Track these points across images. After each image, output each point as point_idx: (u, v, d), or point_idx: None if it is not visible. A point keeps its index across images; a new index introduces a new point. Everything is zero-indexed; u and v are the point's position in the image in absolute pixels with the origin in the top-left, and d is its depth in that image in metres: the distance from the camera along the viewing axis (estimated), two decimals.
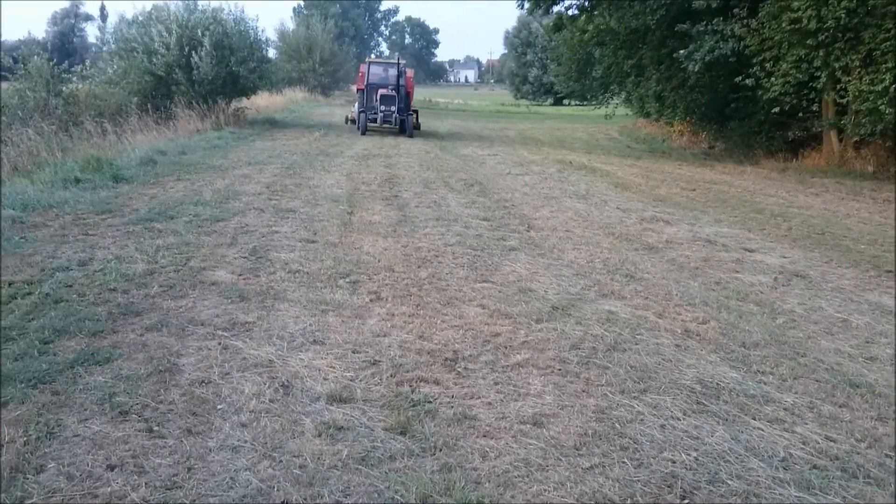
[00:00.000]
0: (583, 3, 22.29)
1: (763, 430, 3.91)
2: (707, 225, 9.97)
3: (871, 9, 14.12)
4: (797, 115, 17.40)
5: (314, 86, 49.76)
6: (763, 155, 19.71)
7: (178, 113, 19.94)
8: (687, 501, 3.21)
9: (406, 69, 23.42)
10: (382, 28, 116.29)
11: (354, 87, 60.54)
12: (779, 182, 15.63)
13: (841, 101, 15.42)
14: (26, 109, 14.93)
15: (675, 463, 3.51)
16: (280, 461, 3.36)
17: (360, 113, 22.12)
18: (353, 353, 4.74)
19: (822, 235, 9.65)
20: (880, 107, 14.10)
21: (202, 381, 4.21)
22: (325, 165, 14.31)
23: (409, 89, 22.90)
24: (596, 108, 27.24)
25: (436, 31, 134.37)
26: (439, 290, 6.19)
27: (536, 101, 62.45)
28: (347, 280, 6.32)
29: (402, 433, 3.65)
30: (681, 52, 17.76)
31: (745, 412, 4.13)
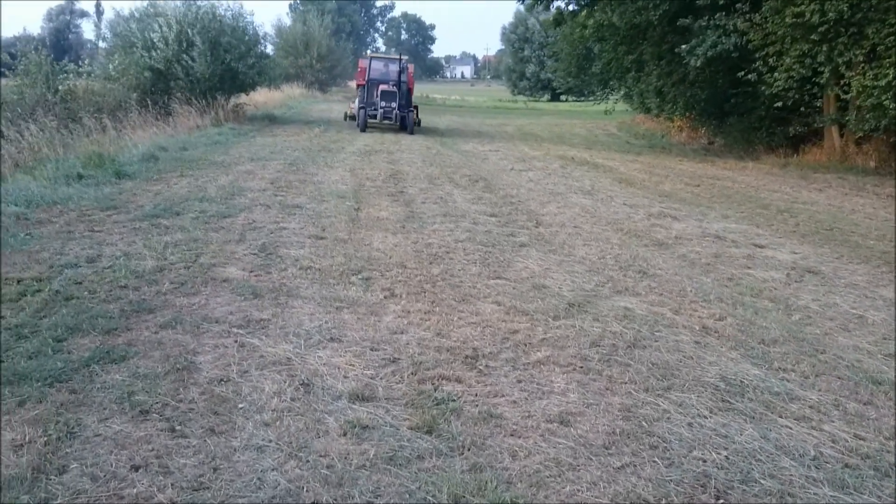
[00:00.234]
0: None
1: (791, 429, 3.86)
2: (715, 221, 9.93)
3: (874, 3, 14.08)
4: (798, 110, 17.37)
5: (311, 82, 49.64)
6: (763, 150, 19.68)
7: (177, 109, 19.83)
8: (722, 502, 3.16)
9: (407, 65, 23.19)
10: (378, 24, 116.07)
11: (352, 83, 60.31)
12: (781, 178, 15.59)
13: (844, 96, 15.36)
14: (25, 105, 14.79)
15: (706, 462, 3.46)
16: (307, 461, 3.30)
17: (359, 109, 21.79)
18: (372, 350, 4.68)
19: (831, 231, 9.62)
20: (884, 102, 14.06)
21: (221, 380, 4.15)
22: (328, 161, 14.24)
23: (410, 85, 22.65)
24: (596, 104, 27.18)
25: (432, 27, 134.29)
26: (453, 287, 6.13)
27: (534, 97, 62.38)
28: (360, 277, 6.26)
29: (429, 432, 3.60)
30: (682, 47, 17.70)
31: (772, 410, 4.09)
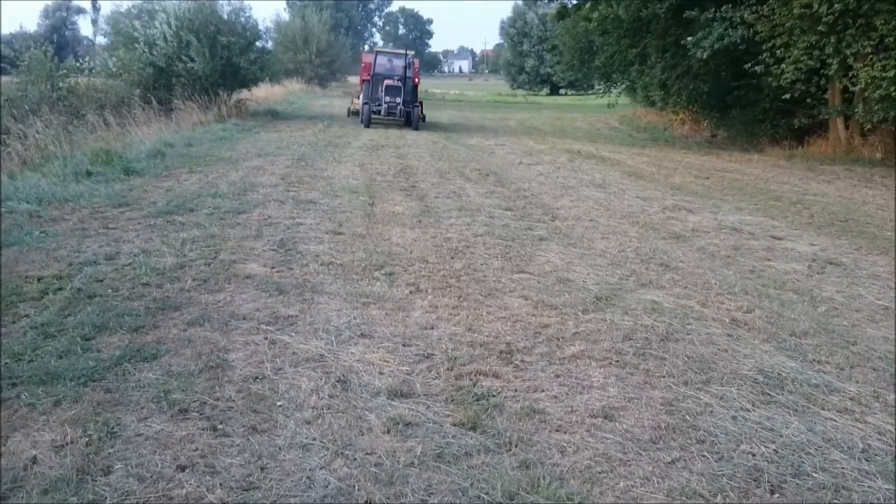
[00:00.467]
0: None
1: (836, 421, 3.82)
2: (729, 213, 9.89)
3: None
4: (803, 102, 17.31)
5: (311, 77, 49.50)
6: (768, 143, 19.63)
7: (180, 105, 19.73)
8: (777, 496, 3.12)
9: (413, 60, 22.99)
10: (376, 19, 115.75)
11: (352, 78, 60.05)
12: (788, 169, 15.56)
13: (853, 88, 15.31)
14: (30, 102, 14.69)
15: (756, 456, 3.42)
16: (354, 459, 3.26)
17: (363, 104, 21.43)
18: (404, 346, 4.63)
19: (846, 223, 9.58)
20: (893, 93, 14.02)
21: (256, 377, 4.10)
22: (336, 156, 14.17)
23: (415, 81, 22.43)
24: (598, 97, 27.11)
25: (429, 22, 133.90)
26: (477, 282, 6.08)
27: (533, 91, 62.28)
28: (383, 272, 6.21)
29: (473, 428, 3.55)
30: (689, 39, 17.63)
31: (813, 402, 4.05)
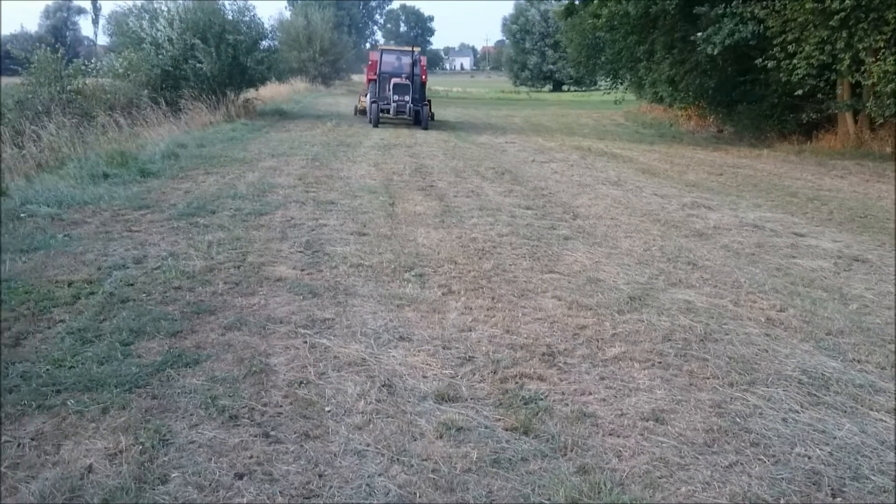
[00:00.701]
0: None
1: (886, 422, 3.80)
2: (748, 210, 9.86)
3: None
4: (812, 97, 17.25)
5: (314, 76, 49.47)
6: (776, 138, 19.59)
7: (188, 105, 19.70)
8: (839, 500, 3.10)
9: (420, 57, 22.75)
10: (377, 16, 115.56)
11: (355, 77, 59.86)
12: (799, 165, 15.53)
13: (865, 82, 15.26)
14: (42, 104, 14.66)
15: (812, 459, 3.40)
16: (411, 465, 3.24)
17: (371, 103, 21.16)
18: (444, 349, 4.62)
19: (865, 219, 9.56)
20: None
21: (300, 382, 4.08)
22: (350, 156, 14.16)
23: (423, 78, 22.18)
24: (604, 94, 27.04)
25: (430, 19, 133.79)
26: (509, 282, 6.06)
27: (536, 87, 62.19)
28: (412, 273, 6.19)
29: (525, 433, 3.53)
30: (699, 35, 17.57)
31: (861, 403, 4.03)
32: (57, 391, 3.91)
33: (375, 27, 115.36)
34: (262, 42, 24.10)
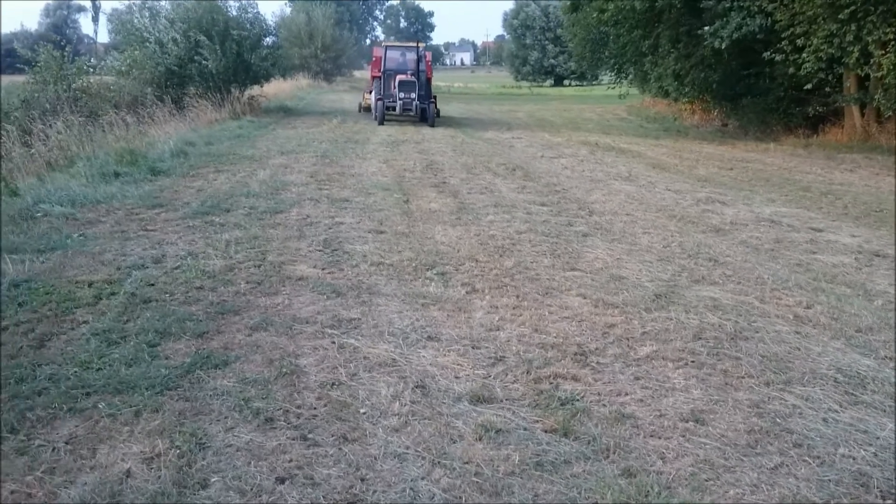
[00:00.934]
0: None
1: None
2: (762, 205, 9.81)
3: None
4: (819, 90, 17.16)
5: (317, 72, 49.36)
6: (782, 131, 19.50)
7: (193, 103, 19.63)
8: (889, 502, 3.05)
9: (425, 53, 22.42)
10: (377, 13, 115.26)
11: (358, 73, 59.68)
12: (807, 159, 15.46)
13: (875, 74, 15.19)
14: (49, 102, 14.61)
15: (857, 460, 3.36)
16: (453, 469, 3.20)
17: (377, 101, 20.65)
18: (474, 349, 4.57)
19: (881, 213, 9.51)
20: None
21: (332, 384, 4.04)
22: (359, 153, 14.10)
23: (428, 74, 21.79)
24: (609, 88, 26.93)
25: (430, 14, 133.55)
26: (532, 280, 6.02)
27: (537, 82, 62.08)
28: (434, 272, 6.15)
29: (566, 435, 3.49)
30: (706, 29, 17.48)
31: None
32: (87, 394, 3.87)
33: (375, 23, 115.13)
34: (267, 38, 24.00)
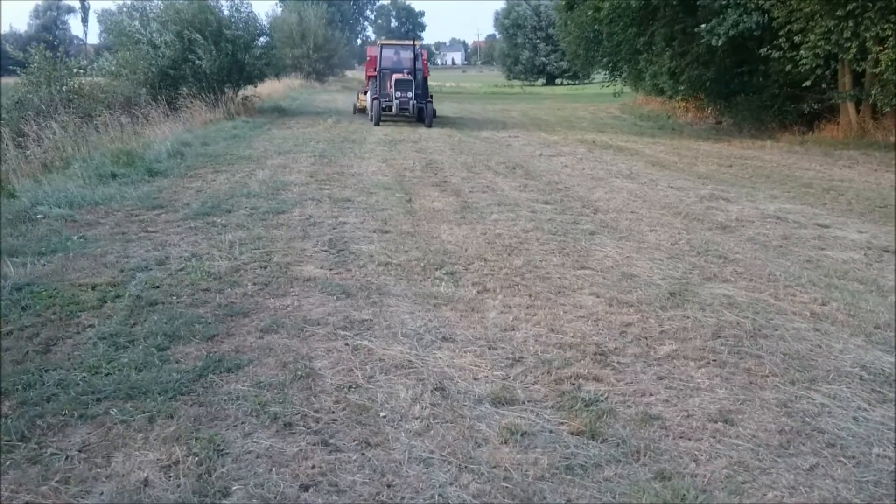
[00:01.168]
0: None
1: None
2: (766, 201, 9.75)
3: None
4: (815, 87, 17.13)
5: (309, 72, 49.17)
6: (776, 129, 19.47)
7: (186, 103, 19.46)
8: None
9: (421, 51, 22.01)
10: (368, 13, 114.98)
11: (350, 73, 59.36)
12: (805, 155, 15.43)
13: (873, 70, 15.16)
14: (44, 103, 14.45)
15: (893, 460, 3.28)
16: (481, 474, 3.11)
17: (372, 101, 20.15)
18: (490, 349, 4.48)
19: (885, 209, 9.47)
20: None
21: (349, 387, 3.95)
22: (357, 152, 14.00)
23: (425, 73, 21.40)
24: (604, 87, 26.86)
25: (421, 14, 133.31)
26: (543, 279, 5.93)
27: (529, 81, 62.04)
28: (443, 272, 6.06)
29: (593, 437, 3.41)
30: (702, 26, 17.43)
31: None
32: (97, 399, 3.77)
33: (366, 23, 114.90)
34: (260, 38, 23.84)
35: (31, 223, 7.51)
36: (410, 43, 22.31)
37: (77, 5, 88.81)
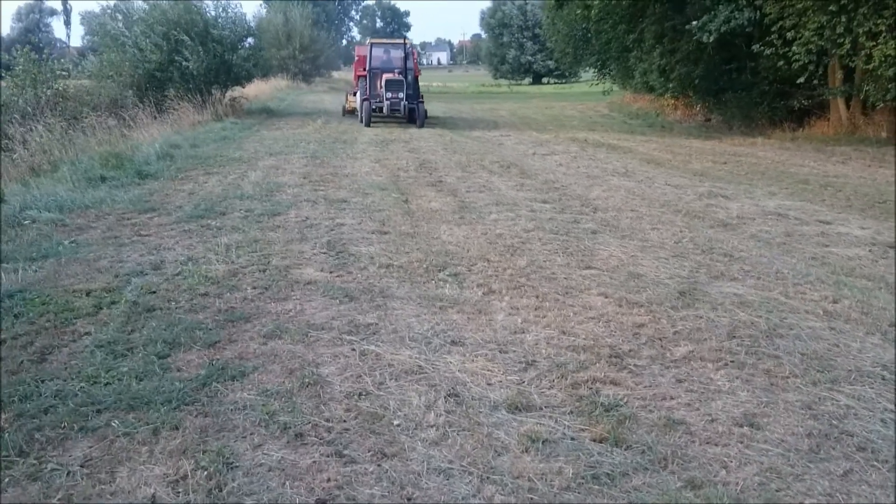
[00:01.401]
0: None
1: None
2: (765, 198, 9.68)
3: None
4: (805, 84, 17.11)
5: (295, 73, 48.87)
6: (767, 125, 19.45)
7: (174, 105, 19.23)
8: None
9: (412, 50, 21.52)
10: (353, 13, 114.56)
11: (336, 74, 59.15)
12: (797, 152, 15.39)
13: (866, 66, 15.14)
14: (30, 106, 14.21)
15: None
16: (504, 484, 2.98)
17: (363, 101, 19.47)
18: (501, 353, 4.36)
19: (884, 205, 9.41)
20: None
21: (360, 394, 3.81)
22: (349, 153, 13.85)
23: (416, 73, 20.85)
24: (592, 85, 26.80)
25: (406, 14, 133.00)
26: (549, 280, 5.81)
27: (516, 80, 61.97)
28: (447, 273, 5.93)
29: (617, 444, 3.28)
30: (693, 23, 17.37)
31: None
32: (97, 411, 3.62)
33: (351, 23, 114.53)
34: (247, 39, 23.61)
35: (21, 228, 7.33)
36: (401, 41, 21.78)
37: (59, 7, 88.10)
